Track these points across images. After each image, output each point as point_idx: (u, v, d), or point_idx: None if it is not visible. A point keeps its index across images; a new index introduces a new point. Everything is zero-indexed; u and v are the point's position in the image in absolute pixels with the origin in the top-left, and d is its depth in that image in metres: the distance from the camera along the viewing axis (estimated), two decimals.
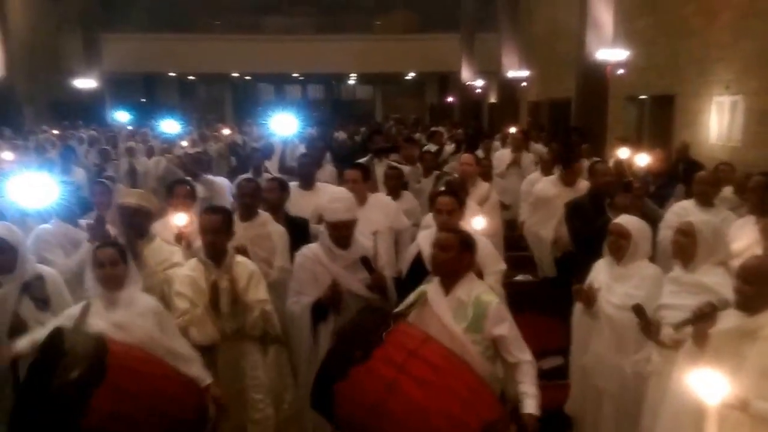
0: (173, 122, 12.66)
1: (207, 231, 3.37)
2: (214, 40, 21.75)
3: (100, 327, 2.80)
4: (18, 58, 16.28)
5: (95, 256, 2.97)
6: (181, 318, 3.25)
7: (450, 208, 3.79)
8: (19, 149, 9.67)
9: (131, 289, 3.00)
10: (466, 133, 12.80)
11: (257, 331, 3.36)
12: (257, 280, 3.45)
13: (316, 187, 5.39)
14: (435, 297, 2.93)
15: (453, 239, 2.98)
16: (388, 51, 21.14)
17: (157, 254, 3.69)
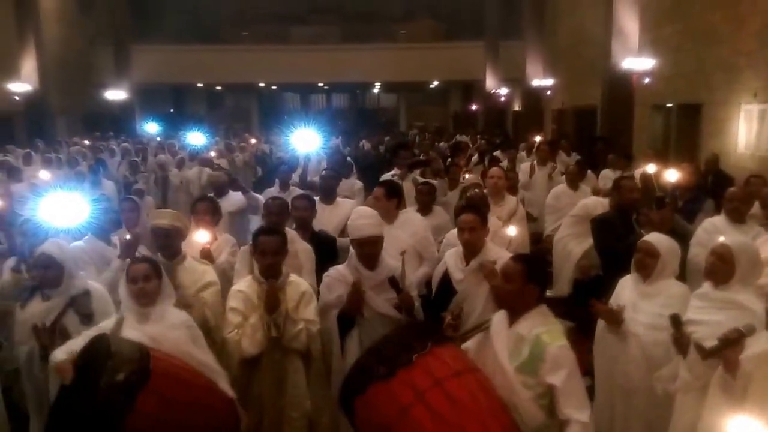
0: (199, 134, 12.83)
1: (267, 252, 3.39)
2: (241, 51, 22.04)
3: (134, 338, 2.84)
4: (51, 71, 16.73)
5: (129, 272, 3.03)
6: (234, 332, 3.30)
7: (472, 225, 3.75)
8: (51, 163, 9.86)
9: (164, 304, 3.06)
10: (490, 142, 12.76)
11: (299, 345, 3.35)
12: (308, 300, 3.47)
13: (337, 202, 5.41)
14: (496, 328, 2.73)
15: (517, 269, 2.72)
16: (413, 60, 21.20)
17: (190, 274, 3.72)
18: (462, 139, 15.31)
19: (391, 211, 4.63)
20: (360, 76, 22.82)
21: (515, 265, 2.73)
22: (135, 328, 2.92)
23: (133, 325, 2.95)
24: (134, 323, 2.96)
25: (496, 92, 20.63)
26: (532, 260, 2.88)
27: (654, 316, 3.23)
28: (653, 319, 3.21)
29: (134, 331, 2.89)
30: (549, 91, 17.82)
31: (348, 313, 3.51)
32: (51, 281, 3.31)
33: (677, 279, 3.48)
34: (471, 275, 3.69)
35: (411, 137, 17.75)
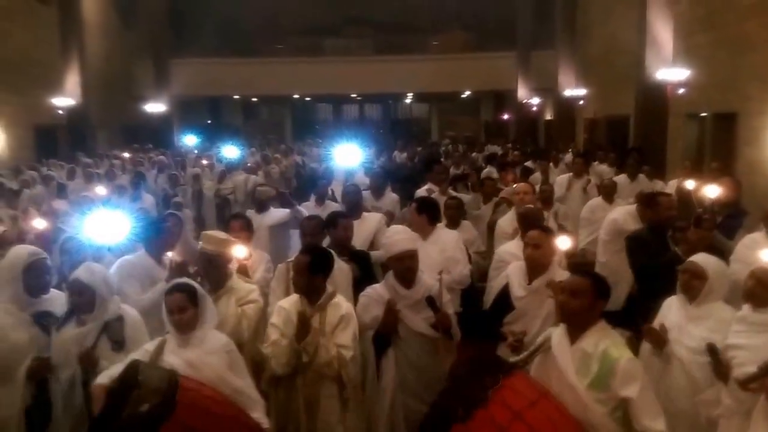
0: (233, 147, 13.06)
1: (294, 271, 3.42)
2: (276, 63, 22.43)
3: (172, 364, 2.87)
4: (93, 85, 17.26)
5: (165, 301, 3.04)
6: (269, 348, 3.31)
7: (536, 241, 3.66)
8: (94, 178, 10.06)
9: (204, 328, 3.06)
10: (523, 153, 12.72)
11: (330, 371, 3.30)
12: (346, 323, 3.39)
13: (363, 216, 5.42)
14: (559, 347, 2.68)
15: (586, 284, 2.68)
16: (445, 70, 21.29)
17: (236, 293, 3.70)
18: (493, 149, 15.33)
19: (424, 227, 4.64)
20: (393, 87, 23.01)
21: (583, 280, 2.70)
22: (174, 353, 2.95)
23: (174, 349, 2.97)
24: (175, 347, 2.98)
25: (527, 102, 20.58)
26: (598, 276, 2.83)
27: (700, 340, 3.12)
28: (699, 343, 3.11)
29: (173, 356, 2.93)
30: (581, 100, 17.71)
31: (383, 332, 3.51)
32: (84, 306, 3.27)
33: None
34: (533, 294, 3.62)
35: (444, 147, 17.81)
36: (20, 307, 3.27)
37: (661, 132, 11.51)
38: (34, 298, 3.31)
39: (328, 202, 6.41)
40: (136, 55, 21.55)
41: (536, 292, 3.59)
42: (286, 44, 24.07)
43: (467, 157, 12.84)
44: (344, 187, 6.19)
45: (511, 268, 3.85)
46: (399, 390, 3.58)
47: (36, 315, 3.29)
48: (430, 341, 3.58)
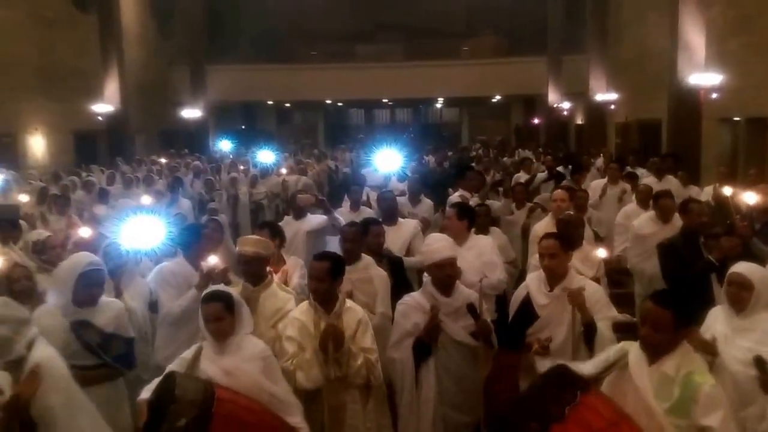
0: (269, 152, 13.25)
1: (312, 277, 3.38)
2: (309, 69, 22.70)
3: (209, 372, 2.88)
4: (132, 92, 17.71)
5: (202, 310, 3.03)
6: (289, 362, 3.26)
7: (552, 251, 3.62)
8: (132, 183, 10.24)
9: (240, 335, 3.05)
10: (555, 158, 12.67)
11: (360, 380, 3.30)
12: (365, 327, 3.39)
13: (399, 222, 5.46)
14: (637, 365, 2.56)
15: (666, 317, 2.51)
16: (476, 75, 21.30)
17: (273, 301, 3.70)
18: (524, 154, 15.29)
19: (462, 233, 4.65)
20: (424, 91, 23.08)
21: (664, 312, 2.52)
22: (211, 360, 2.95)
23: (210, 356, 2.97)
24: (211, 354, 2.98)
25: (558, 106, 20.47)
26: (679, 303, 2.60)
27: (747, 352, 3.04)
28: (747, 355, 3.03)
29: (210, 364, 2.93)
30: (612, 104, 17.58)
31: (426, 340, 3.48)
32: None
33: None
34: (555, 301, 3.60)
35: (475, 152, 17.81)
36: (63, 312, 3.31)
37: (694, 137, 11.42)
38: (79, 308, 3.33)
39: (363, 207, 6.45)
40: (173, 62, 22.05)
41: (558, 298, 3.58)
42: (319, 50, 24.34)
43: (498, 161, 12.82)
44: (379, 193, 6.21)
45: (529, 278, 3.84)
46: (438, 400, 3.56)
47: (75, 323, 3.30)
48: (470, 349, 3.58)
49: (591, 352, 3.37)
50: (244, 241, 3.84)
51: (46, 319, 3.25)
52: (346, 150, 19.14)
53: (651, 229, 5.65)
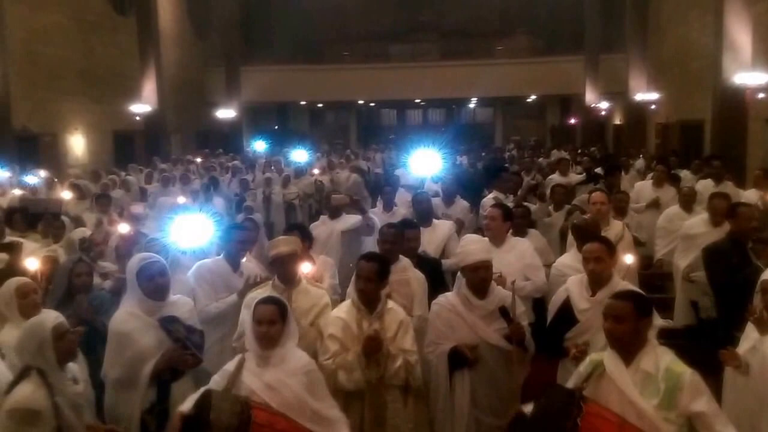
0: (303, 151, 13.30)
1: (360, 277, 3.39)
2: (342, 69, 22.75)
3: (251, 385, 2.83)
4: (168, 92, 18.01)
5: (255, 311, 2.97)
6: (331, 360, 3.27)
7: (597, 255, 3.53)
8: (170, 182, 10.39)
9: (286, 347, 2.98)
10: (593, 159, 12.40)
11: (398, 381, 3.31)
12: (405, 328, 3.40)
13: (434, 224, 5.41)
14: (615, 369, 2.59)
15: (626, 308, 2.61)
16: (511, 75, 21.07)
17: (306, 298, 3.71)
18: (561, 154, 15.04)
19: (503, 234, 4.61)
20: (457, 91, 22.93)
21: (624, 304, 2.63)
22: (254, 374, 2.89)
23: (253, 369, 2.91)
24: (254, 367, 2.91)
25: (595, 106, 20.11)
26: (637, 295, 2.78)
27: None
28: None
29: (252, 377, 2.87)
30: (653, 104, 17.17)
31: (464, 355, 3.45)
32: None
33: None
34: (597, 306, 3.43)
35: (509, 153, 17.59)
36: (147, 312, 3.32)
37: (739, 138, 11.06)
38: (156, 302, 3.35)
39: (396, 208, 6.41)
40: (208, 63, 22.37)
41: (601, 304, 3.41)
42: (352, 50, 24.37)
43: (535, 162, 12.57)
44: (414, 194, 6.16)
45: (570, 282, 3.74)
46: (471, 404, 3.54)
47: (162, 320, 3.33)
48: (504, 353, 3.54)
49: None
50: (277, 243, 3.81)
51: (133, 322, 3.29)
52: (378, 150, 19.10)
53: (699, 230, 5.48)
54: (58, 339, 2.79)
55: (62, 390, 2.77)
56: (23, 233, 6.07)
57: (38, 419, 2.65)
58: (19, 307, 3.31)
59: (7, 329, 3.30)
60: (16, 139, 12.15)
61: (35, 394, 2.68)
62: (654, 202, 7.38)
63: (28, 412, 2.63)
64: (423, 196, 5.82)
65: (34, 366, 2.75)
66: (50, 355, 2.76)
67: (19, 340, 2.86)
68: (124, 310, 3.37)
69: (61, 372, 2.82)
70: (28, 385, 2.70)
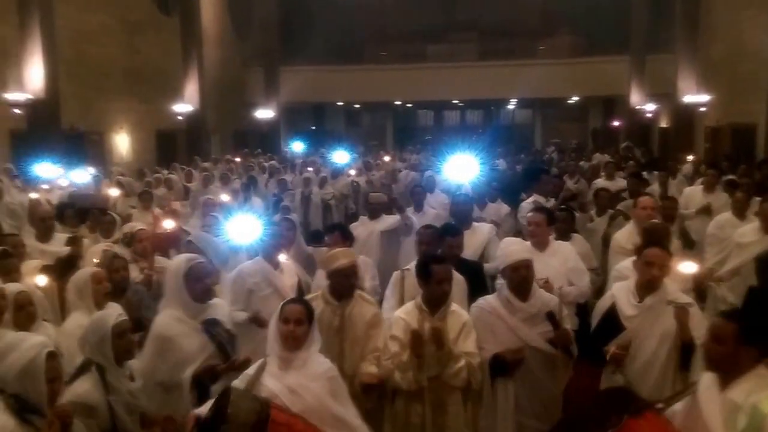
0: (344, 152, 13.33)
1: (443, 280, 3.37)
2: (379, 70, 22.73)
3: (273, 389, 2.80)
4: (209, 92, 18.24)
5: (283, 310, 2.95)
6: (389, 360, 3.32)
7: (663, 261, 3.46)
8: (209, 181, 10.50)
9: (309, 351, 2.95)
10: (638, 163, 12.06)
11: (459, 382, 3.31)
12: (468, 331, 3.40)
13: (473, 227, 5.35)
14: (705, 394, 2.43)
15: (728, 329, 2.42)
16: (552, 75, 20.69)
17: (361, 309, 3.63)
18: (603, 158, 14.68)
19: (547, 239, 4.60)
20: (496, 92, 22.70)
21: (726, 324, 2.44)
22: (275, 376, 2.86)
23: (274, 372, 2.88)
24: (275, 369, 2.89)
25: (641, 108, 19.60)
26: (748, 317, 2.52)
27: None
28: None
29: (273, 380, 2.83)
30: (702, 107, 16.61)
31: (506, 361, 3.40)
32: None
33: None
34: (646, 313, 3.43)
35: (548, 155, 17.28)
36: (190, 315, 3.32)
37: None
38: (202, 305, 3.36)
39: (427, 208, 6.43)
40: (248, 63, 22.58)
41: (649, 310, 3.40)
42: (389, 51, 24.31)
43: (578, 166, 12.26)
44: (453, 196, 6.13)
45: (616, 287, 3.67)
46: (514, 408, 3.52)
47: (205, 323, 3.34)
48: (547, 357, 3.49)
49: (686, 372, 3.26)
50: (334, 255, 3.67)
51: (177, 326, 3.30)
52: (415, 152, 18.98)
53: (751, 238, 5.29)
54: (118, 337, 2.87)
55: (118, 388, 2.85)
56: (74, 228, 6.19)
57: (93, 414, 2.74)
58: (93, 293, 3.47)
59: (75, 317, 3.46)
60: (64, 138, 12.43)
61: (92, 390, 2.77)
62: (705, 208, 7.12)
63: (85, 406, 2.70)
64: (462, 197, 5.76)
65: (95, 361, 2.85)
66: (109, 353, 2.84)
67: (83, 333, 2.96)
68: (167, 314, 3.36)
69: (118, 369, 2.89)
70: (86, 380, 2.79)
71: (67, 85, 12.75)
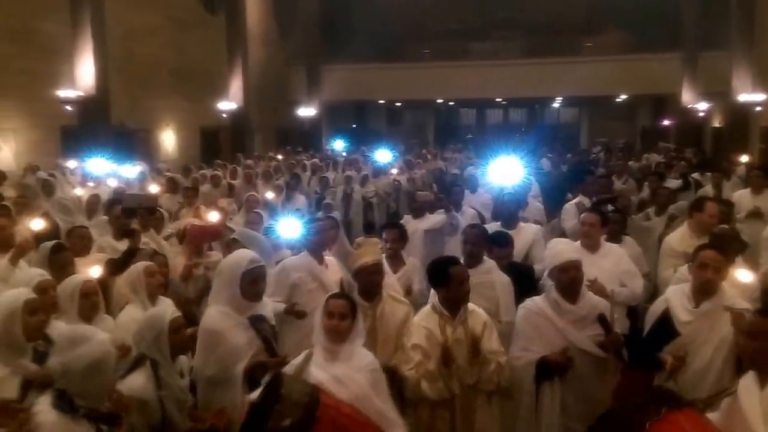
0: (386, 152, 13.28)
1: (464, 280, 3.34)
2: (421, 68, 22.58)
3: (319, 378, 2.83)
4: (252, 91, 18.45)
5: (327, 304, 3.01)
6: (414, 369, 3.23)
7: (718, 264, 3.34)
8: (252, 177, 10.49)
9: (354, 344, 3.01)
10: (690, 164, 11.64)
11: (492, 386, 3.27)
12: (490, 330, 3.38)
13: (519, 226, 5.26)
14: (745, 391, 2.45)
15: (763, 326, 2.46)
16: (599, 73, 20.20)
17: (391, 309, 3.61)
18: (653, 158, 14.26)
19: (599, 240, 4.52)
20: (541, 90, 22.32)
21: (761, 321, 2.46)
22: (321, 367, 2.91)
23: (320, 363, 2.93)
24: (321, 360, 2.94)
25: (692, 107, 19.00)
26: None
27: None
28: None
29: (319, 370, 2.88)
30: (758, 106, 15.98)
31: (552, 365, 3.33)
32: None
33: None
34: (701, 318, 3.33)
35: (595, 155, 16.87)
36: (238, 311, 3.33)
37: None
38: (251, 303, 3.36)
39: (466, 208, 6.36)
40: (290, 61, 22.75)
41: (705, 315, 3.29)
42: (432, 48, 24.15)
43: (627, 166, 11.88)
44: (499, 194, 6.07)
45: (670, 291, 3.56)
46: (561, 412, 3.43)
47: (252, 319, 3.35)
48: (595, 360, 3.39)
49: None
50: (359, 254, 3.69)
51: (225, 321, 3.30)
52: (456, 150, 18.77)
53: None
54: (174, 332, 2.94)
55: (169, 383, 2.91)
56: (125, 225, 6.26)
57: (145, 409, 2.78)
58: (146, 287, 3.57)
59: (129, 310, 3.53)
60: (113, 135, 12.71)
61: (146, 385, 2.82)
62: (755, 211, 6.78)
63: (138, 401, 2.72)
64: (508, 196, 5.67)
65: (149, 356, 2.89)
66: (165, 348, 2.91)
67: (138, 328, 3.01)
68: (215, 310, 3.36)
69: (172, 365, 2.95)
70: (140, 375, 2.83)
71: (115, 82, 13.05)
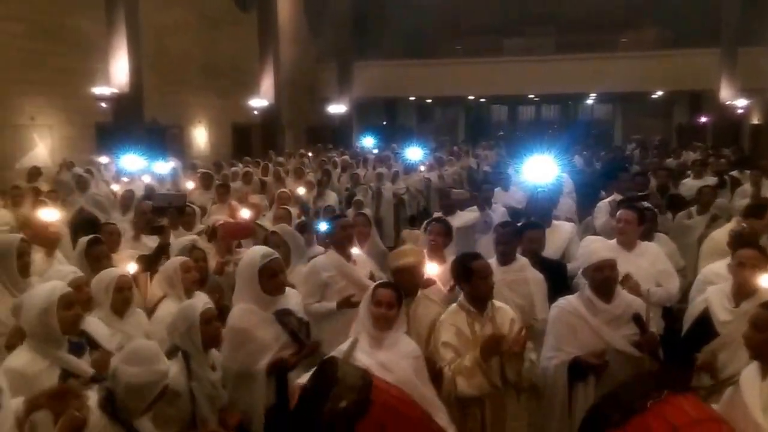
0: (417, 149, 13.25)
1: (488, 275, 3.32)
2: (453, 64, 22.44)
3: (365, 363, 2.89)
4: (283, 88, 18.53)
5: (375, 293, 3.09)
6: (447, 367, 3.19)
7: (755, 263, 3.29)
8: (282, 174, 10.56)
9: (398, 332, 3.10)
10: (729, 162, 11.31)
11: (526, 383, 3.23)
12: (517, 324, 3.32)
13: (554, 225, 5.21)
14: (747, 380, 2.50)
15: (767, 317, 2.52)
16: (634, 69, 19.80)
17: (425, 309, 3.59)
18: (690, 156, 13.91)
19: (635, 238, 4.45)
20: (575, 86, 22.00)
21: (766, 312, 2.53)
22: (367, 353, 2.98)
23: (366, 349, 3.01)
24: (367, 347, 3.01)
25: (731, 104, 18.50)
26: None
27: None
28: None
29: (366, 356, 2.96)
30: None
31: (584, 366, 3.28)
32: None
33: None
34: (741, 318, 3.19)
35: (629, 152, 16.54)
36: (262, 307, 3.35)
37: None
38: (273, 297, 3.38)
39: (495, 206, 6.32)
40: (321, 59, 22.79)
41: (745, 316, 3.12)
42: (464, 45, 23.95)
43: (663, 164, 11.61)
44: (533, 192, 6.03)
45: (711, 291, 3.51)
46: None
47: (277, 313, 3.37)
48: (630, 360, 3.31)
49: None
50: (402, 252, 3.71)
51: (250, 318, 3.33)
52: (488, 147, 18.59)
53: None
54: (206, 324, 2.97)
55: (201, 375, 2.93)
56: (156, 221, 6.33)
57: (177, 401, 2.82)
58: (182, 281, 3.61)
59: (166, 304, 3.60)
60: (146, 131, 12.89)
61: (178, 375, 2.84)
62: None
63: (171, 392, 2.71)
64: (542, 193, 5.64)
65: (182, 348, 2.94)
66: (197, 339, 2.94)
67: (171, 320, 3.06)
68: (240, 308, 3.40)
69: (203, 357, 2.98)
70: (173, 366, 2.81)
71: (148, 79, 13.21)
